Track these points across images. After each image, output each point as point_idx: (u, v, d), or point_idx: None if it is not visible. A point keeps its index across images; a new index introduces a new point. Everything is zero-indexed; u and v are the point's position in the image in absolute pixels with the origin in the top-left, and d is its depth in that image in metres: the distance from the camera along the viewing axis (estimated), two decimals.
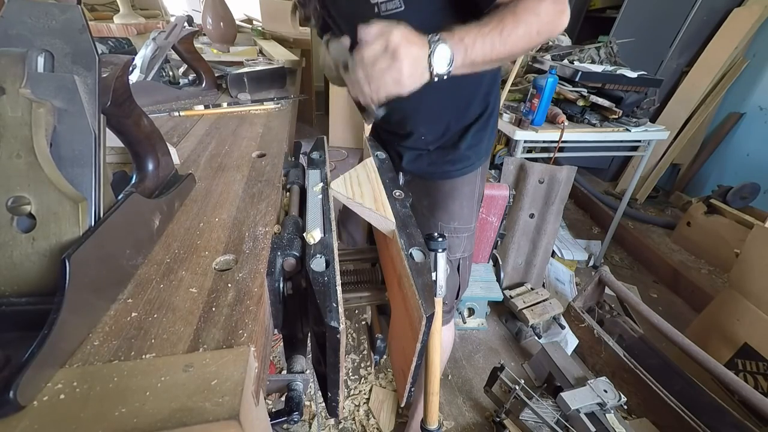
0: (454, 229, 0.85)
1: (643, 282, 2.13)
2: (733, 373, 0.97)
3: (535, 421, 1.11)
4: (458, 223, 0.85)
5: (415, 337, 0.41)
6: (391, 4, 0.63)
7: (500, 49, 0.55)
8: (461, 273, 0.90)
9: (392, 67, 0.51)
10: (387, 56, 0.51)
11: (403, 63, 0.50)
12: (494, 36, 0.54)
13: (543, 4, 0.56)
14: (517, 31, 0.55)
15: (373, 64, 0.52)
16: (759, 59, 2.42)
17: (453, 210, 0.84)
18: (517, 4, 0.56)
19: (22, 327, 0.30)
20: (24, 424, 0.25)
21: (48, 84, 0.33)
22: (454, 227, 0.85)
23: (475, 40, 0.54)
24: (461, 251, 0.87)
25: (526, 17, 0.55)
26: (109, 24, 1.53)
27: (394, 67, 0.51)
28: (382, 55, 0.51)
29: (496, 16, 0.56)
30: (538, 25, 0.56)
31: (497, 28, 0.55)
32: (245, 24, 2.65)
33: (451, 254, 0.86)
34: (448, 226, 0.84)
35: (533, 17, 0.56)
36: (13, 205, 0.31)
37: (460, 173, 0.83)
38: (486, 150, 0.85)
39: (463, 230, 0.86)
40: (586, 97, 1.62)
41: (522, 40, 0.56)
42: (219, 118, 0.90)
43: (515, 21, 0.55)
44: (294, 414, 0.46)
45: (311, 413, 1.32)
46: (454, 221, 0.85)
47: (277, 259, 0.44)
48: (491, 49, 0.55)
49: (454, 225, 0.85)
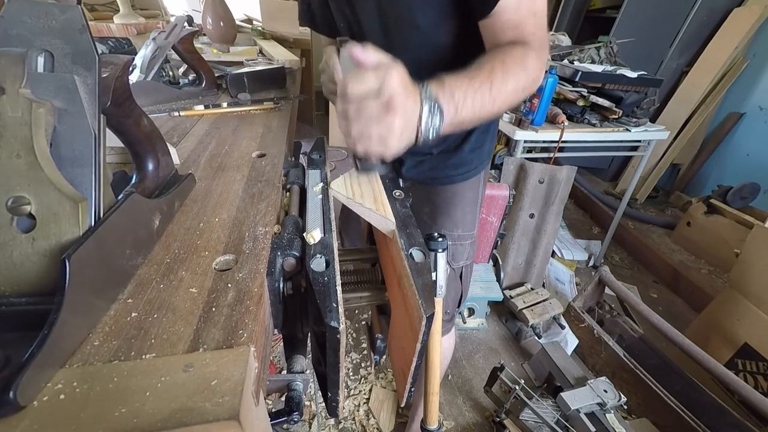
0: (458, 236, 0.82)
1: (643, 282, 2.13)
2: (733, 373, 0.97)
3: (535, 421, 1.11)
4: (462, 230, 0.82)
5: (415, 337, 0.41)
6: None
7: (488, 108, 0.51)
8: (464, 280, 0.87)
9: (382, 120, 0.42)
10: (379, 103, 0.41)
11: (396, 118, 0.42)
12: (484, 91, 0.50)
13: (529, 57, 0.53)
14: (507, 88, 0.51)
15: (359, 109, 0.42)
16: (759, 59, 2.43)
17: (456, 217, 0.82)
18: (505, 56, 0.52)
19: (22, 327, 0.30)
20: (24, 425, 0.25)
21: (48, 84, 0.33)
22: (458, 235, 0.82)
23: (465, 97, 0.48)
24: (464, 259, 0.85)
25: (516, 71, 0.52)
26: (109, 24, 1.53)
27: (384, 122, 0.42)
28: (374, 98, 0.41)
29: (485, 67, 0.51)
30: (525, 80, 0.53)
31: (487, 83, 0.50)
32: (245, 24, 2.65)
33: (454, 262, 0.83)
34: (452, 233, 0.81)
35: (521, 72, 0.52)
36: (13, 205, 0.31)
37: (462, 178, 0.80)
38: (488, 153, 0.83)
39: (466, 237, 0.83)
40: (586, 97, 1.62)
41: (510, 97, 0.53)
42: (219, 118, 0.90)
43: (505, 75, 0.51)
44: (294, 414, 0.46)
45: (311, 413, 1.32)
46: (457, 228, 0.82)
47: (277, 259, 0.44)
48: (480, 106, 0.50)
49: (457, 232, 0.82)
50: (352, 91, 0.42)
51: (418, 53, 0.64)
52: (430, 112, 0.45)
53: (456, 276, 0.85)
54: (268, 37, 2.21)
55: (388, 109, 0.41)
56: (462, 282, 0.87)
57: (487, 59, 0.53)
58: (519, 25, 0.55)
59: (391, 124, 0.42)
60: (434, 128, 0.46)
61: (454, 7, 0.60)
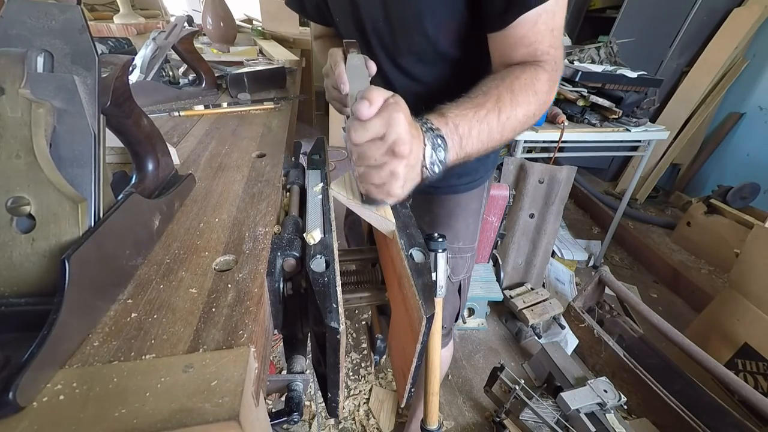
0: (459, 249, 0.78)
1: (643, 282, 2.13)
2: (733, 373, 0.97)
3: (535, 421, 1.11)
4: (463, 243, 0.78)
5: (415, 338, 0.41)
6: None
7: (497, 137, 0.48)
8: (462, 294, 0.84)
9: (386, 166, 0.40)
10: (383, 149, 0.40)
11: (400, 164, 0.40)
12: (491, 120, 0.46)
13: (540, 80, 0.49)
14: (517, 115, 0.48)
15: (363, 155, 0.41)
16: (759, 59, 2.43)
17: (458, 229, 0.78)
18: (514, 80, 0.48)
19: (22, 327, 0.30)
20: (24, 425, 0.25)
21: (48, 84, 0.33)
22: (458, 248, 0.78)
23: (470, 128, 0.46)
24: (464, 272, 0.82)
25: (526, 97, 0.48)
26: (109, 24, 1.53)
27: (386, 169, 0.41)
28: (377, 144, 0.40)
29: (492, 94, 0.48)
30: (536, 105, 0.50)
31: (494, 110, 0.47)
32: (245, 24, 2.65)
33: (454, 276, 0.80)
34: (453, 246, 0.77)
35: (532, 97, 0.49)
36: (12, 205, 0.31)
37: (466, 188, 0.76)
38: (493, 162, 0.79)
39: (467, 250, 0.80)
40: (586, 97, 1.62)
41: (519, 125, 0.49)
42: (219, 118, 0.90)
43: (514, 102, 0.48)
44: (294, 414, 0.46)
45: (311, 413, 1.32)
46: (458, 241, 0.78)
47: (277, 259, 0.44)
48: (488, 137, 0.47)
49: (458, 245, 0.78)
50: (356, 140, 0.40)
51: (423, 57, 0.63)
52: (434, 149, 0.43)
53: (454, 290, 0.82)
54: (268, 37, 2.21)
55: (394, 155, 0.40)
56: (460, 296, 0.84)
57: (494, 84, 0.49)
58: (534, 43, 0.51)
59: (395, 170, 0.41)
60: (439, 164, 0.44)
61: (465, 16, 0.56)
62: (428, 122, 0.44)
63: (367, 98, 0.39)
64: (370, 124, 0.39)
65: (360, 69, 0.52)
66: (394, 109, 0.39)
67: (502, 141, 0.49)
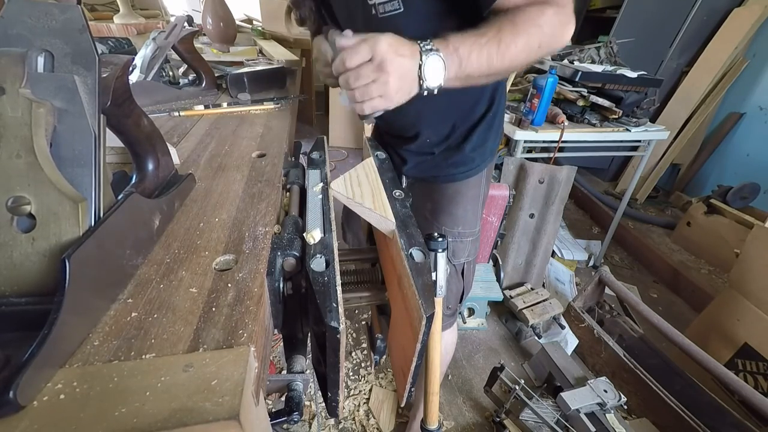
0: (459, 233, 0.82)
1: (643, 282, 2.13)
2: (733, 373, 0.97)
3: (535, 421, 1.11)
4: (462, 228, 0.82)
5: (415, 337, 0.41)
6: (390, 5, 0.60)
7: (497, 62, 0.52)
8: (465, 277, 0.87)
9: (378, 80, 0.48)
10: (372, 68, 0.48)
11: (390, 77, 0.48)
12: (491, 47, 0.51)
13: (545, 14, 0.52)
14: (517, 43, 0.51)
15: (357, 76, 0.49)
16: (759, 59, 2.43)
17: (457, 214, 0.82)
18: (516, 14, 0.52)
19: (22, 327, 0.30)
20: (24, 424, 0.25)
21: (48, 84, 0.33)
22: (458, 232, 0.82)
23: (470, 51, 0.50)
24: (465, 255, 0.85)
25: (527, 28, 0.51)
26: (109, 24, 1.53)
27: (379, 81, 0.48)
28: (367, 66, 0.48)
29: (494, 25, 0.52)
30: (539, 37, 0.52)
31: (495, 39, 0.51)
32: (245, 24, 2.65)
33: (455, 259, 0.84)
34: (452, 231, 0.81)
35: (534, 29, 0.52)
36: (13, 205, 0.31)
37: (464, 176, 0.80)
38: (491, 151, 0.82)
39: (467, 234, 0.84)
40: (586, 97, 1.62)
41: (522, 53, 0.52)
42: (219, 118, 0.90)
43: (514, 32, 0.51)
44: (294, 414, 0.46)
45: (311, 413, 1.32)
46: (458, 226, 0.82)
47: (277, 259, 0.44)
48: (488, 61, 0.51)
49: (458, 230, 0.82)
50: (349, 62, 0.48)
51: None
52: (431, 65, 0.49)
53: (457, 272, 0.86)
54: (268, 37, 2.21)
55: (381, 70, 0.48)
56: (464, 278, 0.87)
57: (497, 18, 0.53)
58: None
59: (387, 82, 0.48)
60: (437, 78, 0.50)
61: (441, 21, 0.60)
62: (429, 44, 0.50)
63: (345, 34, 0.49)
64: (359, 48, 0.48)
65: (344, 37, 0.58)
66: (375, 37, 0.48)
67: (503, 66, 0.53)
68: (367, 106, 0.51)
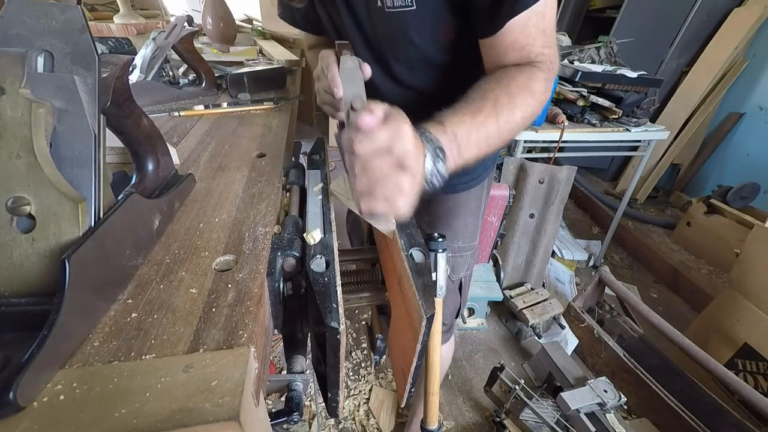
0: (458, 248, 0.78)
1: (643, 282, 2.13)
2: (733, 373, 0.97)
3: (535, 421, 1.11)
4: (462, 242, 0.79)
5: (415, 338, 0.41)
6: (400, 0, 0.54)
7: (495, 141, 0.47)
8: (463, 292, 0.85)
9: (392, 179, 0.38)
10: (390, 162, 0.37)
11: (406, 178, 0.38)
12: (489, 125, 0.45)
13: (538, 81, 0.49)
14: (515, 117, 0.47)
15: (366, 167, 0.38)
16: (759, 59, 2.42)
17: (457, 227, 0.78)
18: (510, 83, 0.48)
19: (22, 327, 0.30)
20: (24, 425, 0.25)
21: (48, 84, 0.33)
22: (458, 246, 0.78)
23: (469, 135, 0.45)
24: (464, 270, 0.82)
25: (524, 99, 0.48)
26: (109, 24, 1.53)
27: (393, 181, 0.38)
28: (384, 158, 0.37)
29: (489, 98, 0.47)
30: (533, 106, 0.49)
31: (492, 115, 0.46)
32: (245, 24, 2.65)
33: (454, 275, 0.80)
34: (452, 245, 0.77)
35: (529, 98, 0.48)
36: (12, 205, 0.31)
37: (465, 187, 0.76)
38: (493, 160, 0.79)
39: (467, 248, 0.80)
40: (586, 97, 1.62)
41: (518, 127, 0.48)
42: (219, 118, 0.90)
43: (511, 105, 0.47)
44: (294, 414, 0.46)
45: (311, 413, 1.32)
46: (458, 240, 0.78)
47: (277, 259, 0.44)
48: (486, 142, 0.46)
49: (458, 244, 0.78)
50: (361, 151, 0.37)
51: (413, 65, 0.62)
52: (433, 160, 0.42)
53: (455, 288, 0.83)
54: (268, 37, 2.21)
55: (401, 169, 0.38)
56: (461, 293, 0.85)
57: (491, 87, 0.48)
58: (526, 46, 0.50)
59: (401, 184, 0.38)
60: (438, 175, 0.43)
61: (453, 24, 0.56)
62: (427, 132, 0.43)
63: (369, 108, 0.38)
64: (377, 135, 0.37)
65: (354, 71, 0.49)
66: (401, 120, 0.38)
67: (500, 145, 0.49)
68: (366, 206, 0.40)
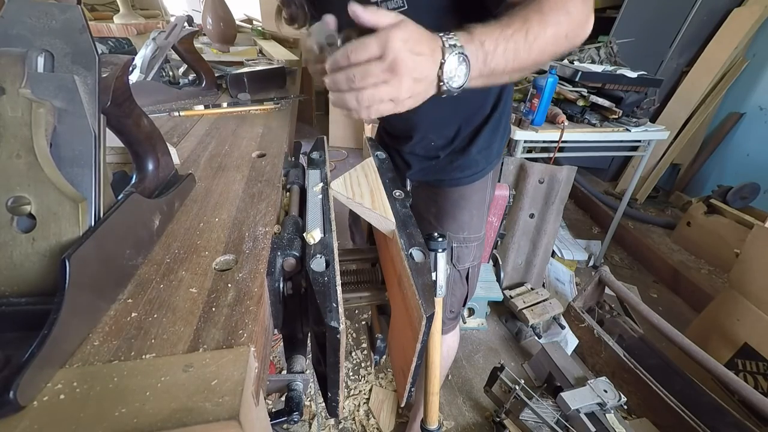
0: (464, 239, 0.80)
1: (643, 282, 2.13)
2: (733, 373, 0.97)
3: (535, 421, 1.11)
4: (468, 233, 0.80)
5: (415, 337, 0.41)
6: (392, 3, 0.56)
7: (524, 56, 0.46)
8: (470, 281, 0.86)
9: (389, 82, 0.40)
10: (383, 67, 0.40)
11: (403, 79, 0.40)
12: (518, 39, 0.45)
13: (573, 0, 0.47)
14: (545, 34, 0.46)
15: (365, 74, 0.40)
16: (759, 59, 2.42)
17: (462, 219, 0.80)
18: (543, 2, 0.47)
19: (22, 327, 0.30)
20: (24, 425, 0.25)
21: (48, 84, 0.33)
22: (463, 237, 0.80)
23: (497, 45, 0.44)
24: (471, 260, 0.83)
25: (556, 16, 0.46)
26: (109, 24, 1.53)
27: (390, 84, 0.41)
28: (376, 64, 0.40)
29: (519, 15, 0.46)
30: (568, 25, 0.47)
31: (522, 30, 0.45)
32: (245, 24, 2.65)
33: (460, 264, 0.82)
34: (457, 236, 0.79)
35: (564, 16, 0.46)
36: (13, 205, 0.31)
37: (469, 180, 0.78)
38: (497, 153, 0.80)
39: (473, 240, 0.82)
40: (586, 97, 1.62)
41: (550, 45, 0.47)
42: (219, 118, 0.90)
43: (543, 22, 0.46)
44: (294, 414, 0.46)
45: (311, 413, 1.32)
46: (463, 231, 0.80)
47: (277, 259, 0.44)
48: (515, 55, 0.45)
49: (463, 235, 0.80)
50: (355, 56, 0.40)
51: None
52: (453, 65, 0.42)
53: (462, 277, 0.84)
54: (268, 37, 2.21)
55: (393, 72, 0.40)
56: (468, 282, 0.86)
57: (521, 8, 0.48)
58: None
59: (399, 85, 0.41)
60: (460, 78, 0.44)
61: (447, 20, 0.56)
62: (452, 38, 0.43)
63: None
64: (368, 42, 0.40)
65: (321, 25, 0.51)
66: (391, 30, 0.40)
67: (530, 61, 0.48)
68: (374, 111, 0.43)
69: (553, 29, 0.46)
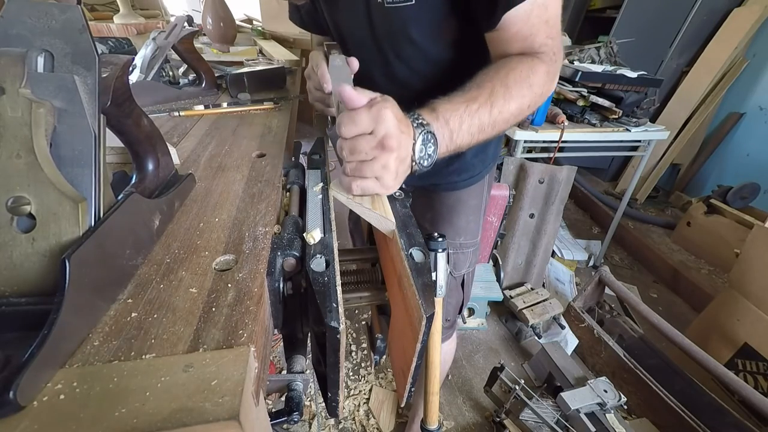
0: (460, 245, 0.80)
1: (643, 282, 2.13)
2: (733, 373, 0.97)
3: (535, 421, 1.11)
4: (464, 239, 0.80)
5: (415, 337, 0.41)
6: None
7: (489, 131, 0.48)
8: (465, 288, 0.86)
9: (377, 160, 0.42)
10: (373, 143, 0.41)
11: (391, 158, 0.42)
12: (483, 115, 0.47)
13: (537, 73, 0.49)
14: (509, 108, 0.48)
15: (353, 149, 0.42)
16: (759, 59, 2.43)
17: (459, 225, 0.79)
18: (508, 73, 0.49)
19: (22, 327, 0.30)
20: (24, 425, 0.25)
21: (48, 84, 0.33)
22: (459, 243, 0.80)
23: (461, 122, 0.46)
24: (467, 266, 0.83)
25: (520, 90, 0.49)
26: (109, 24, 1.53)
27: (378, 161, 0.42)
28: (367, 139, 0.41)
29: (485, 88, 0.48)
30: (531, 98, 0.50)
31: (486, 104, 0.47)
32: (245, 24, 2.65)
33: (456, 271, 0.81)
34: (454, 242, 0.79)
35: (526, 90, 0.49)
36: (13, 205, 0.31)
37: (465, 184, 0.78)
38: (493, 157, 0.79)
39: (469, 245, 0.81)
40: (586, 97, 1.62)
41: (513, 117, 0.50)
42: (219, 118, 0.90)
43: (507, 96, 0.48)
44: (294, 414, 0.46)
45: (311, 413, 1.32)
46: (459, 237, 0.79)
47: (277, 259, 0.44)
48: (479, 129, 0.48)
49: (459, 241, 0.79)
50: (346, 134, 0.42)
51: (413, 64, 0.62)
52: (424, 144, 0.44)
53: (457, 284, 0.83)
54: (268, 37, 2.21)
55: (383, 148, 0.41)
56: (464, 289, 0.85)
57: (489, 77, 0.49)
58: (529, 37, 0.51)
59: (387, 163, 0.42)
60: (428, 158, 0.46)
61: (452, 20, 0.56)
62: (419, 117, 0.45)
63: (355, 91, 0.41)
64: (359, 118, 0.41)
65: (342, 68, 0.52)
66: (382, 105, 0.41)
67: (494, 133, 0.50)
68: (356, 186, 0.45)
69: (517, 102, 0.49)
